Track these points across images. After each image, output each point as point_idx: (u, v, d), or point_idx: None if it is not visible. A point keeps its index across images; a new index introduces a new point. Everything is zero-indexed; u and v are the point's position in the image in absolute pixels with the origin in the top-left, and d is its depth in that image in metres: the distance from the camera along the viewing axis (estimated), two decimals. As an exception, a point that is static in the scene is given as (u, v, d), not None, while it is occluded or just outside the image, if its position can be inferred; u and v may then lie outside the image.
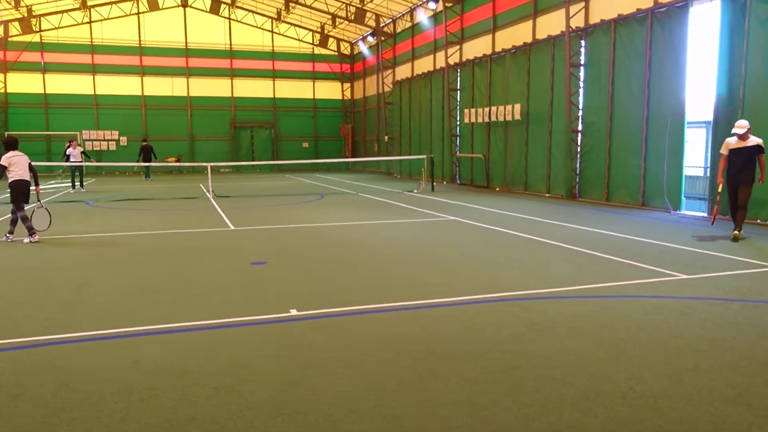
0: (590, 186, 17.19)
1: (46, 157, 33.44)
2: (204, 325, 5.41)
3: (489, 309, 5.90)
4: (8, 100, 33.33)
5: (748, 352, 4.61)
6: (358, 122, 38.46)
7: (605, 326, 5.27)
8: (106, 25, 34.48)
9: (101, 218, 13.49)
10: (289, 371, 4.27)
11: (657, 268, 7.69)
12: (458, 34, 24.69)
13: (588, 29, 17.06)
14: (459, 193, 20.08)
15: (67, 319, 5.64)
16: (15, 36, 32.97)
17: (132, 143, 34.68)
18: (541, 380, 4.08)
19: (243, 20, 36.76)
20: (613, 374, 4.18)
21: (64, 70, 33.96)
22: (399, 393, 3.89)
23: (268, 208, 15.40)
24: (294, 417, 3.55)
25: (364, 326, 5.37)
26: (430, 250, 9.20)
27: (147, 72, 35.38)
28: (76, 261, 8.47)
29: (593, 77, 16.98)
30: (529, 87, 19.68)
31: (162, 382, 4.08)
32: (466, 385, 4.01)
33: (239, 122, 37.48)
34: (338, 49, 38.89)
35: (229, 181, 27.68)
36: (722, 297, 6.28)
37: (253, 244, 9.96)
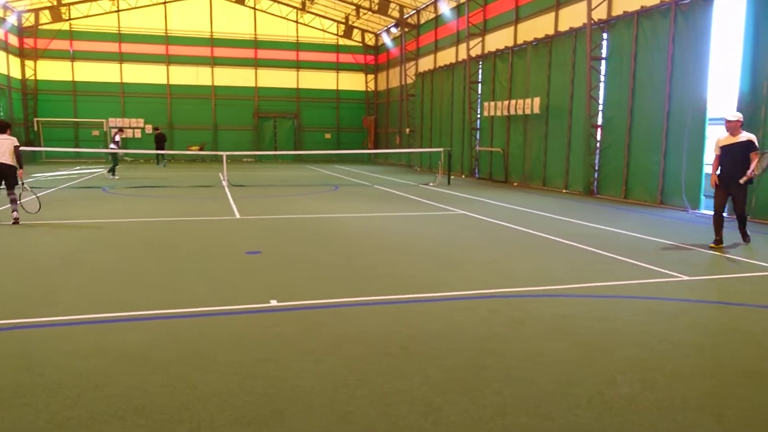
0: (608, 182, 16.78)
1: (74, 143, 34.08)
2: (180, 313, 5.38)
3: (475, 305, 5.75)
4: (38, 87, 34.00)
5: (733, 359, 4.39)
6: (381, 114, 38.30)
7: (589, 327, 5.09)
8: (134, 13, 34.87)
9: (111, 204, 13.65)
10: (250, 363, 4.20)
11: (660, 268, 7.42)
12: (480, 25, 24.31)
13: (611, 21, 16.60)
14: (475, 187, 19.83)
15: (45, 302, 5.67)
16: (45, 24, 33.56)
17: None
18: (507, 381, 3.93)
19: (268, 10, 36.82)
20: (584, 377, 4.01)
21: (92, 58, 34.48)
22: (357, 389, 3.79)
23: (279, 198, 15.41)
24: (242, 410, 3.48)
25: (343, 319, 5.28)
26: (429, 243, 9.06)
27: (173, 61, 35.72)
28: (70, 245, 8.55)
29: (614, 71, 16.54)
30: (550, 80, 19.29)
31: (122, 370, 4.05)
32: (428, 383, 3.89)
33: (262, 112, 37.64)
34: (363, 40, 38.72)
35: (250, 170, 27.83)
36: (720, 300, 6.02)
37: (254, 233, 9.95)
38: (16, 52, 32.56)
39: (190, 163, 33.51)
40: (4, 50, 30.52)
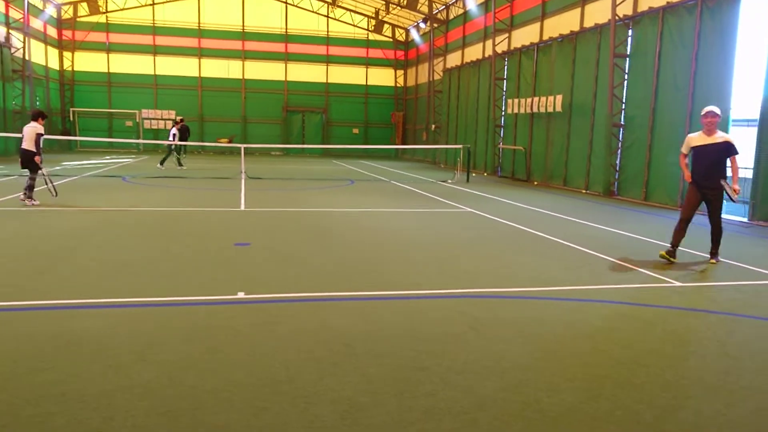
0: (629, 184, 16.29)
1: (108, 133, 34.91)
2: (145, 302, 5.39)
3: (442, 305, 5.61)
4: (75, 78, 34.95)
5: (697, 370, 4.15)
6: (410, 110, 38.11)
7: (553, 331, 4.89)
8: (168, 7, 35.49)
9: (124, 193, 13.88)
10: (189, 354, 4.16)
11: (653, 273, 7.13)
12: (507, 21, 23.89)
13: (636, 17, 16.09)
14: (494, 185, 19.52)
15: (21, 287, 5.75)
16: (83, 16, 34.45)
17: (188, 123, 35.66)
18: (442, 384, 3.79)
19: (299, 4, 36.99)
20: (528, 383, 3.84)
21: (127, 51, 35.25)
22: (284, 385, 3.71)
23: (291, 192, 15.45)
24: (162, 401, 3.44)
25: (304, 314, 5.20)
26: (423, 240, 8.91)
27: (204, 54, 36.25)
28: (67, 231, 8.68)
29: (638, 69, 16.02)
30: (574, 78, 18.84)
31: (65, 356, 4.06)
32: (362, 383, 3.78)
33: (291, 106, 37.89)
34: (393, 36, 38.56)
35: (274, 163, 28.03)
36: (706, 308, 5.73)
37: (251, 225, 9.96)
38: (54, 43, 33.50)
39: (219, 155, 33.93)
40: (43, 41, 31.43)
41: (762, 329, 5.15)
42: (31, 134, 11.16)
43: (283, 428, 3.19)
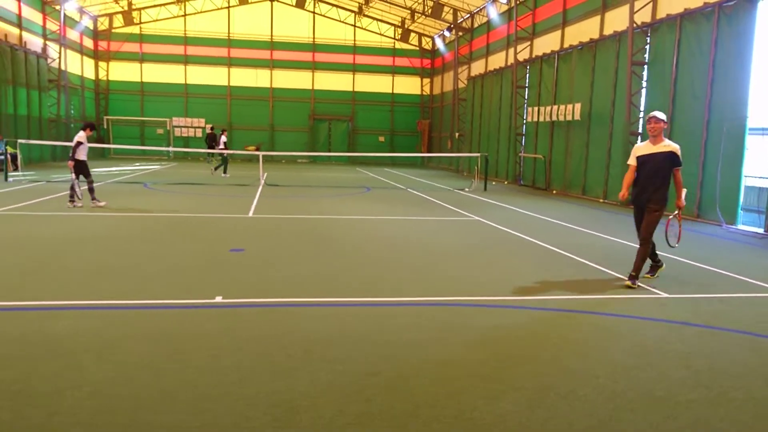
0: (646, 193, 15.97)
1: (140, 140, 35.88)
2: (123, 305, 5.57)
3: (416, 311, 5.66)
4: (109, 87, 36.09)
5: (649, 382, 4.10)
6: (436, 118, 38.13)
7: (519, 340, 4.90)
8: (199, 18, 36.40)
9: (142, 198, 14.28)
10: (149, 355, 4.31)
11: (643, 284, 7.02)
12: (529, 29, 23.78)
13: (654, 25, 15.85)
14: (511, 194, 19.39)
15: (7, 288, 6.02)
16: (118, 28, 35.59)
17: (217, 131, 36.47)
18: (386, 390, 3.85)
19: (326, 14, 37.47)
20: (472, 390, 3.87)
21: (159, 60, 36.24)
22: (232, 387, 3.82)
23: (304, 199, 15.65)
24: (109, 399, 3.58)
25: (276, 319, 5.32)
26: (417, 248, 8.95)
27: (234, 63, 37.00)
28: (67, 235, 8.99)
29: (656, 77, 15.77)
30: (593, 86, 18.64)
31: (28, 355, 4.26)
32: (308, 387, 3.86)
33: (318, 114, 38.32)
34: (419, 44, 38.71)
35: (298, 171, 28.39)
36: (684, 321, 5.63)
37: (253, 231, 10.15)
38: (90, 54, 34.69)
39: (247, 163, 34.49)
40: (79, 52, 32.59)
41: (733, 342, 5.04)
42: (73, 143, 12.24)
43: (215, 428, 3.30)
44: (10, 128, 23.09)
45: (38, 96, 26.09)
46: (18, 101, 24.17)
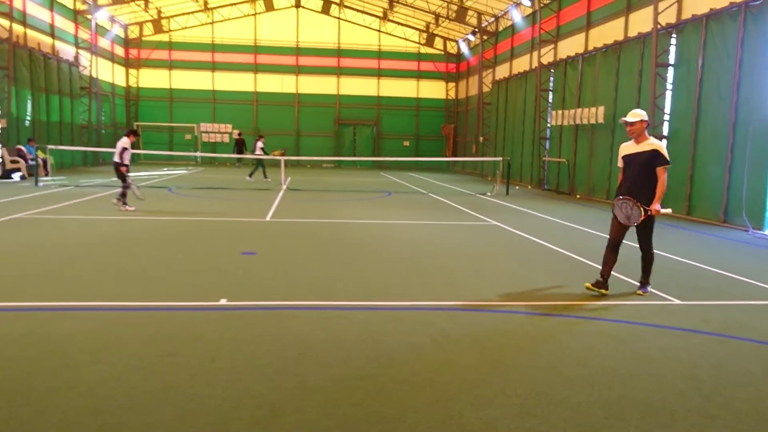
0: (672, 198, 15.60)
1: (169, 146, 36.51)
2: (126, 306, 5.65)
3: (416, 316, 5.60)
4: (139, 94, 36.85)
5: (646, 391, 3.98)
6: (461, 122, 37.96)
7: (514, 346, 4.81)
8: (226, 25, 36.93)
9: (164, 202, 14.50)
10: (144, 357, 4.36)
11: (656, 290, 6.85)
12: (553, 32, 23.53)
13: (679, 26, 15.51)
14: (533, 198, 19.16)
15: (23, 288, 6.16)
16: (148, 36, 36.35)
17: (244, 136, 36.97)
18: (374, 394, 3.82)
19: (352, 20, 37.67)
20: (461, 396, 3.81)
21: (188, 67, 36.86)
22: (220, 389, 3.83)
23: (323, 203, 15.72)
24: (97, 399, 3.63)
25: (278, 322, 5.33)
26: (427, 252, 8.89)
27: (260, 69, 37.42)
28: (86, 238, 9.17)
29: (681, 79, 15.43)
30: (617, 89, 18.32)
31: (28, 355, 4.34)
32: (295, 389, 3.86)
33: (343, 119, 38.50)
34: (444, 48, 38.62)
35: (322, 175, 28.54)
36: (694, 328, 5.47)
37: (268, 235, 10.22)
38: (121, 61, 35.48)
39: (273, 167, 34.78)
40: (110, 60, 33.36)
41: (743, 352, 4.87)
42: (118, 148, 12.71)
43: (195, 429, 3.31)
44: (43, 134, 23.73)
45: (70, 103, 26.77)
46: (51, 108, 24.83)
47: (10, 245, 8.46)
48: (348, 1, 36.34)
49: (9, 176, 20.00)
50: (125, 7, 31.64)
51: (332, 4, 37.05)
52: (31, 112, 23.15)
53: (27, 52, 22.83)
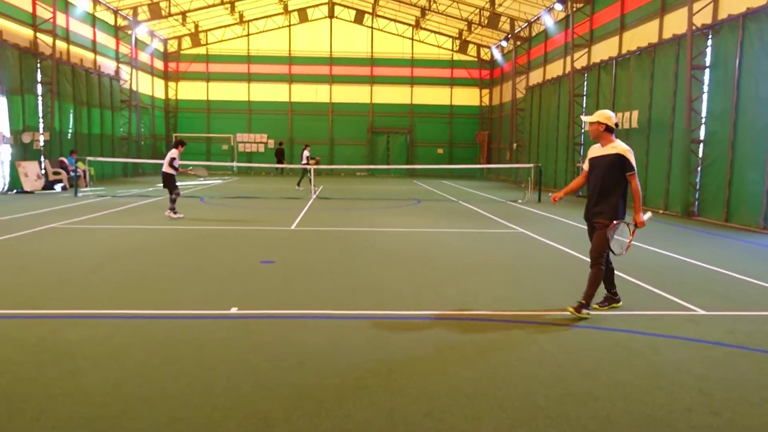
0: (709, 204, 15.10)
1: (206, 156, 37.28)
2: (138, 314, 5.74)
3: (424, 325, 5.52)
4: (178, 106, 37.80)
5: (652, 406, 3.81)
6: (495, 129, 37.62)
7: (520, 357, 4.68)
8: (261, 37, 37.60)
9: (193, 211, 14.74)
10: (143, 364, 4.41)
11: (681, 300, 6.60)
12: (587, 36, 23.11)
13: (715, 26, 15.02)
14: (565, 206, 18.77)
15: (44, 296, 6.33)
16: (186, 49, 37.28)
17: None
18: (368, 405, 3.76)
19: (384, 29, 37.85)
20: (457, 409, 3.72)
21: (224, 79, 37.64)
22: (214, 398, 3.84)
23: (351, 211, 15.75)
24: (92, 406, 3.68)
25: (282, 330, 5.33)
26: (447, 261, 8.78)
27: (295, 80, 37.93)
28: (116, 247, 9.37)
29: (718, 81, 14.92)
30: (652, 92, 17.83)
31: (35, 361, 4.44)
32: (289, 399, 3.84)
33: (377, 127, 38.63)
34: (478, 55, 38.39)
35: (355, 183, 28.65)
36: (716, 340, 5.23)
37: (290, 244, 10.28)
38: (160, 74, 36.48)
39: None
40: (149, 73, 34.33)
41: (765, 366, 4.62)
42: (167, 158, 13.23)
43: None
44: (84, 146, 24.53)
45: (111, 116, 27.61)
46: (92, 121, 25.67)
47: (38, 254, 8.73)
48: (381, 10, 36.55)
49: (52, 187, 20.72)
50: (164, 22, 32.52)
51: (365, 13, 37.32)
52: (73, 125, 23.97)
53: (70, 67, 23.69)
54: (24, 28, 21.27)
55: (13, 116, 19.60)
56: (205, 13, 33.50)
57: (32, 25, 21.71)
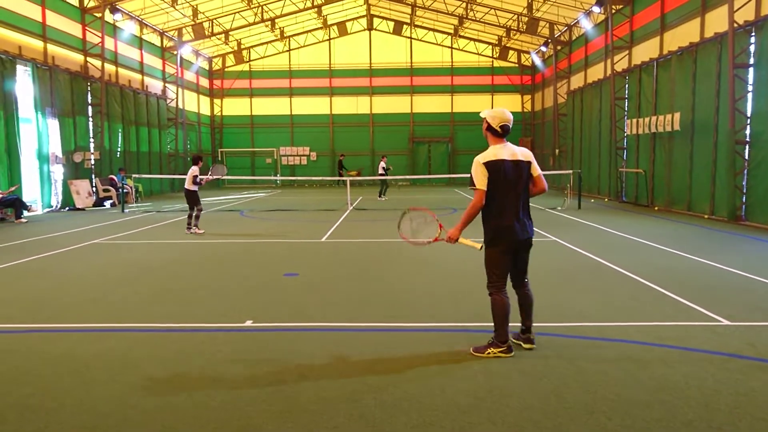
0: (758, 207, 14.46)
1: (250, 170, 38.17)
2: (157, 327, 5.95)
3: (431, 338, 5.52)
4: (223, 122, 38.87)
5: (647, 423, 3.70)
6: (537, 135, 37.10)
7: (520, 370, 4.62)
8: (302, 52, 38.33)
9: (232, 225, 15.13)
10: (151, 377, 4.57)
11: (706, 310, 6.37)
12: (627, 38, 22.59)
13: (758, 23, 14.45)
14: (607, 212, 18.34)
15: (80, 311, 6.64)
16: (230, 67, 38.37)
17: (321, 158, 38.12)
18: (356, 419, 3.80)
19: (423, 38, 37.96)
20: (442, 423, 3.71)
21: (267, 94, 38.50)
22: (210, 411, 3.95)
23: (385, 222, 15.81)
24: (96, 417, 3.85)
25: (290, 343, 5.42)
26: (471, 272, 8.72)
27: (335, 92, 38.44)
28: (150, 261, 9.73)
29: (763, 79, 14.32)
30: (695, 93, 17.27)
31: (50, 373, 4.68)
32: (283, 411, 3.91)
33: (417, 137, 38.70)
34: (518, 61, 38.01)
35: (394, 194, 28.75)
36: (735, 353, 5.02)
37: (317, 256, 10.42)
38: (206, 92, 37.65)
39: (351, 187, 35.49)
40: (195, 91, 35.47)
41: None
42: (189, 176, 13.46)
43: None
44: (132, 164, 25.54)
45: (158, 133, 28.65)
46: (140, 139, 26.71)
47: (76, 270, 9.15)
48: (419, 21, 36.70)
49: (102, 204, 21.65)
50: (208, 41, 33.59)
51: (403, 24, 37.54)
52: (122, 143, 25.00)
53: (118, 88, 24.75)
54: (74, 53, 22.38)
55: (65, 137, 20.62)
56: (246, 31, 34.41)
57: (82, 50, 22.82)
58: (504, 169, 4.87)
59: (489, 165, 4.87)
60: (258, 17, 32.08)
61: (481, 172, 4.87)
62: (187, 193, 13.45)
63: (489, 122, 5.04)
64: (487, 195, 4.88)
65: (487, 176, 4.86)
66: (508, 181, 4.89)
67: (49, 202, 19.78)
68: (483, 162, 4.88)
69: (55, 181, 20.11)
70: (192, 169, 13.52)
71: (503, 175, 4.86)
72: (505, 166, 4.88)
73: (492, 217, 5.00)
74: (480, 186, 4.88)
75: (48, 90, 19.60)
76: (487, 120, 5.06)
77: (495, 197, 4.90)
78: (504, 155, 4.92)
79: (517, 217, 4.99)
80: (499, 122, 4.99)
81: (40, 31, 20.26)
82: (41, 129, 19.30)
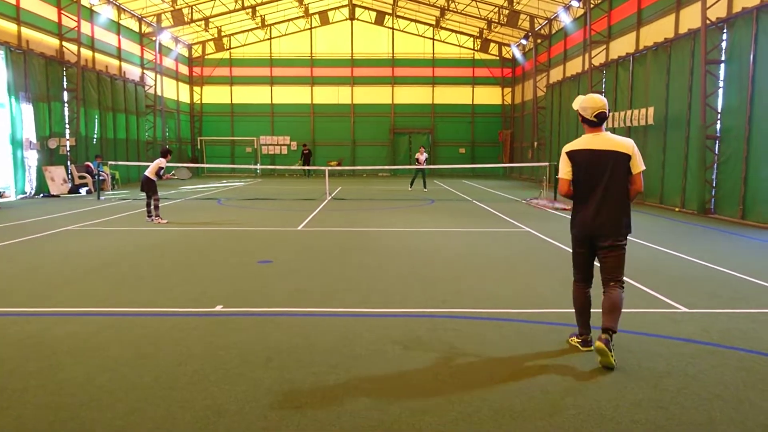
0: (725, 201, 14.83)
1: (230, 159, 37.96)
2: (125, 311, 5.99)
3: (403, 323, 5.63)
4: (203, 110, 38.54)
5: (590, 403, 3.86)
6: (517, 127, 37.39)
7: (484, 354, 4.76)
8: (283, 40, 38.11)
9: (208, 213, 15.10)
10: (118, 358, 4.62)
11: (667, 299, 6.57)
12: (605, 32, 22.85)
13: (729, 20, 14.74)
14: (581, 203, 18.60)
15: (45, 295, 6.64)
16: (210, 54, 38.00)
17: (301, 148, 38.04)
18: (319, 398, 3.90)
19: (405, 29, 37.95)
20: (402, 402, 3.83)
21: (247, 83, 38.25)
22: (176, 391, 4.02)
23: (362, 212, 15.91)
24: (60, 396, 3.90)
25: (258, 328, 5.48)
26: (443, 260, 8.86)
27: (316, 82, 38.32)
28: (123, 247, 9.71)
29: (733, 75, 14.64)
30: (668, 88, 17.58)
31: (17, 356, 4.70)
32: (248, 392, 4.00)
33: (398, 128, 38.76)
34: (499, 54, 38.20)
35: (374, 184, 28.83)
36: (689, 338, 5.21)
37: (292, 244, 10.48)
38: (185, 79, 37.27)
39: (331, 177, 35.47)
40: (174, 78, 35.11)
41: (732, 363, 4.60)
42: (154, 166, 13.39)
43: (137, 426, 3.51)
44: (110, 151, 25.27)
45: (136, 120, 28.34)
46: (117, 126, 26.40)
47: (48, 256, 9.11)
48: (401, 11, 36.67)
49: (77, 191, 21.41)
50: (187, 27, 33.23)
51: (385, 14, 37.50)
52: (98, 130, 24.70)
53: (95, 74, 24.43)
54: (50, 37, 22.02)
55: (40, 123, 20.32)
56: (227, 18, 34.11)
57: (58, 34, 22.46)
58: (587, 159, 4.67)
59: (571, 154, 4.75)
60: (238, 4, 31.82)
61: (564, 161, 4.80)
62: (145, 181, 13.22)
63: (582, 114, 4.78)
64: (573, 184, 4.79)
65: (570, 165, 4.75)
66: (590, 172, 4.67)
67: (22, 188, 19.54)
68: (566, 151, 4.80)
69: (29, 167, 19.85)
70: (159, 160, 13.44)
71: (585, 165, 4.67)
72: (589, 156, 4.67)
73: (574, 206, 4.93)
74: (562, 175, 4.80)
75: (22, 74, 19.30)
76: (579, 113, 4.82)
77: (578, 187, 4.77)
78: (593, 145, 4.69)
79: (597, 211, 4.69)
80: (592, 112, 4.72)
81: (14, 14, 19.91)
82: (15, 114, 19.02)
